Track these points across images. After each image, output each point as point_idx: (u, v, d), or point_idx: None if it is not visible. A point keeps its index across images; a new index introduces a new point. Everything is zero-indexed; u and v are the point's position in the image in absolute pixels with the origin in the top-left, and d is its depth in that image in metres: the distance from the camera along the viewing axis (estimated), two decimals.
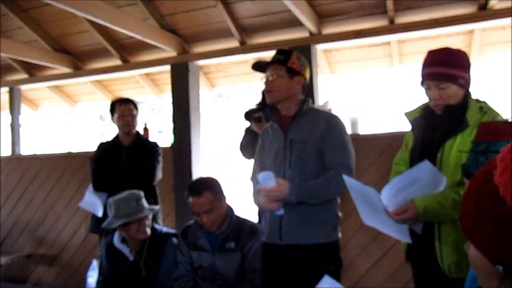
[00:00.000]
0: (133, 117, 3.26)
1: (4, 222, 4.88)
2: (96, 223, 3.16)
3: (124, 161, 3.18)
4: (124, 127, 3.24)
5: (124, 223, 2.45)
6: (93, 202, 3.20)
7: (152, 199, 3.18)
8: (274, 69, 2.15)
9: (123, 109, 3.23)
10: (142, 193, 2.61)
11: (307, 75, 2.24)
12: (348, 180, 1.83)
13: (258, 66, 2.24)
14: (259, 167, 2.27)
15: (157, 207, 2.69)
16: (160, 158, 3.30)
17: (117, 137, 3.33)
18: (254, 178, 2.26)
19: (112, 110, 3.28)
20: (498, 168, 0.50)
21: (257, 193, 2.13)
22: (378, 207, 1.77)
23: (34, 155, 4.94)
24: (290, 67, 2.14)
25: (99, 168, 3.23)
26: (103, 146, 3.38)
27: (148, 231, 2.51)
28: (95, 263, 3.05)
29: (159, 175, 3.27)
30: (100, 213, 3.12)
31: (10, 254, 4.67)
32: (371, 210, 1.82)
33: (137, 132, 3.34)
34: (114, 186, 2.99)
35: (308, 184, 2.03)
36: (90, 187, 3.27)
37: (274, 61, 2.17)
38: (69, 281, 4.50)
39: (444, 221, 1.77)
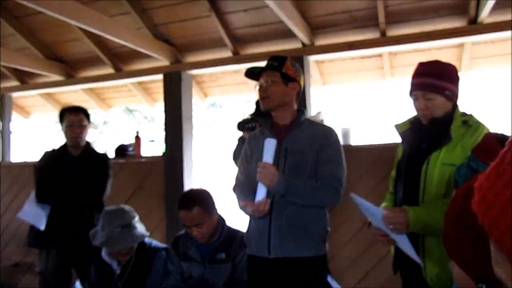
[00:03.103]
0: (82, 128, 3.00)
1: None
2: (37, 236, 2.97)
3: (72, 173, 2.93)
4: (72, 138, 2.99)
5: None
6: (35, 214, 2.97)
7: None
8: (268, 75, 2.11)
9: (72, 119, 2.98)
10: (134, 218, 2.48)
11: (302, 82, 2.21)
12: (357, 199, 1.85)
13: (252, 73, 2.19)
14: (243, 175, 2.22)
15: (142, 236, 2.49)
16: (111, 172, 3.07)
17: (65, 146, 3.08)
18: (236, 188, 2.22)
19: (61, 119, 3.04)
20: (476, 197, 0.49)
21: (243, 206, 2.10)
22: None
23: (24, 162, 4.90)
24: (285, 73, 2.10)
25: (44, 179, 2.99)
26: (49, 155, 3.11)
27: (127, 256, 2.47)
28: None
29: (108, 190, 3.05)
30: (43, 226, 2.92)
31: None
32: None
33: (87, 143, 3.10)
34: (60, 198, 2.86)
35: (297, 181, 2.01)
36: (32, 197, 3.03)
37: (269, 67, 2.13)
38: None
39: (433, 234, 1.77)
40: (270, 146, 2.01)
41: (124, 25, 3.64)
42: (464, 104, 1.99)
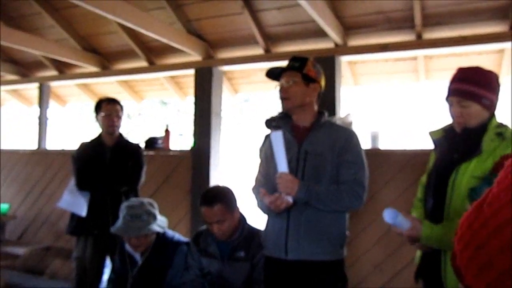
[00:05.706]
0: (118, 118, 3.19)
1: (26, 214, 5.01)
2: (78, 224, 3.09)
3: (108, 162, 3.11)
4: (109, 127, 3.15)
5: None
6: (75, 202, 3.10)
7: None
8: (289, 75, 2.11)
9: (109, 108, 3.15)
10: (149, 211, 2.52)
11: (323, 83, 2.20)
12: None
13: (272, 73, 2.19)
14: (263, 177, 2.22)
15: (150, 229, 2.50)
16: (145, 160, 3.24)
17: (99, 137, 3.24)
18: (256, 189, 2.21)
19: (98, 109, 3.20)
20: (457, 234, 0.46)
21: (261, 201, 2.10)
22: None
23: (59, 150, 5.05)
24: (306, 74, 2.10)
25: (83, 167, 3.12)
26: (85, 146, 3.27)
27: (141, 248, 2.51)
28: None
29: (143, 178, 3.21)
30: (84, 213, 3.04)
31: (30, 245, 4.78)
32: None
33: (120, 134, 3.27)
34: (98, 186, 3.01)
35: (318, 187, 2.00)
36: (70, 186, 3.17)
37: (290, 67, 2.13)
38: None
39: (448, 249, 1.72)
40: (277, 140, 1.99)
41: (158, 20, 3.69)
42: (503, 113, 1.90)
